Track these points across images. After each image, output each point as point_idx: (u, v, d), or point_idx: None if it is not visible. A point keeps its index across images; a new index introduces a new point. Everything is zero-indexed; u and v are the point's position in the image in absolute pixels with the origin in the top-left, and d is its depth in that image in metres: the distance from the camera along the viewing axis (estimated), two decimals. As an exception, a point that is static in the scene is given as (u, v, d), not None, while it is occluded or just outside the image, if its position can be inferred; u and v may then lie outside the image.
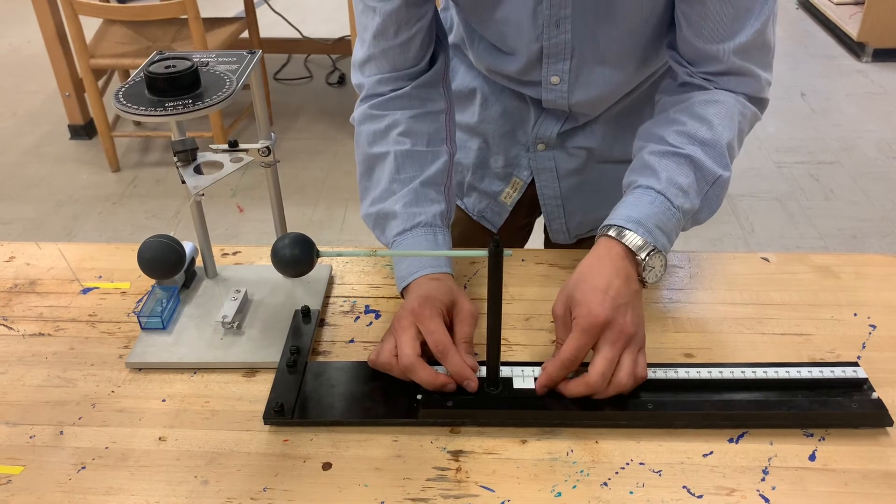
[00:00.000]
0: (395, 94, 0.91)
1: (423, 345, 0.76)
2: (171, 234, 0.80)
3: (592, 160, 1.05)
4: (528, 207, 1.14)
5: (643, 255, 0.76)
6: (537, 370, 0.76)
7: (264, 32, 3.33)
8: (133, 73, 0.77)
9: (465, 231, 1.16)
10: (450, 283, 0.82)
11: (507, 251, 0.67)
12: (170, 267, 0.81)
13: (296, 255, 0.69)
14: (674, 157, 0.82)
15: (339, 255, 0.72)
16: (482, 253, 0.68)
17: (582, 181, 1.07)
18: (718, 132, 0.83)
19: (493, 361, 0.74)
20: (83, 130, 3.24)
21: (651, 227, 0.78)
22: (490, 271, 0.67)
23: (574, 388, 0.72)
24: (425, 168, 0.89)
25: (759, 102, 0.89)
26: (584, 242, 1.16)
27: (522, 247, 1.24)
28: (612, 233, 0.78)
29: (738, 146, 0.87)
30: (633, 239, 0.77)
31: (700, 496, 0.66)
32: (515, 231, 1.21)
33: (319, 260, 0.96)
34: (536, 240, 1.27)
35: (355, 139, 0.94)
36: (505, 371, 0.76)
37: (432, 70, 0.93)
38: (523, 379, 0.76)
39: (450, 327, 0.78)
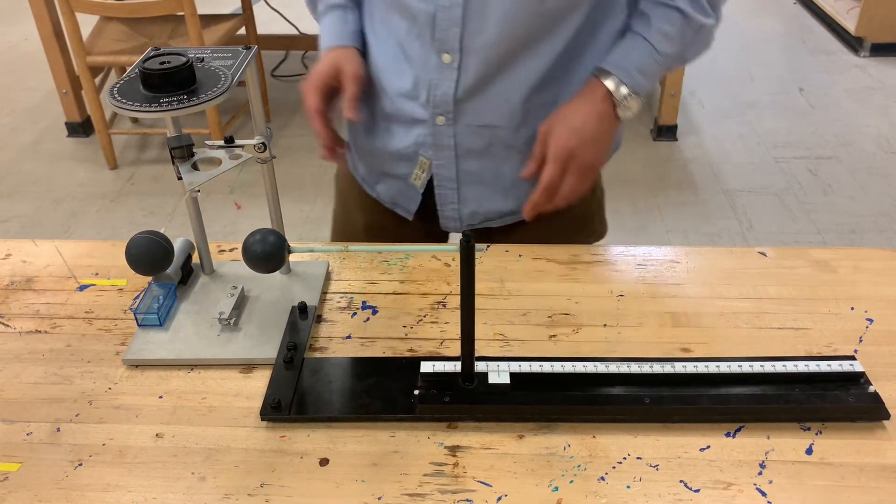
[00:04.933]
0: None
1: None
2: (162, 231, 0.80)
3: (497, 144, 1.02)
4: None
5: (620, 97, 0.92)
6: (512, 365, 0.76)
7: (261, 29, 3.32)
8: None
9: (380, 221, 1.15)
10: (349, 53, 0.98)
11: (479, 246, 0.67)
12: (156, 263, 0.81)
13: (266, 251, 0.69)
14: (664, 8, 0.93)
15: (311, 250, 0.72)
16: (453, 248, 0.67)
17: (482, 166, 1.04)
18: None
19: (468, 357, 0.73)
20: (80, 128, 3.24)
21: (633, 72, 0.93)
22: (462, 266, 0.67)
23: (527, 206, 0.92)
24: None
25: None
26: (476, 234, 1.13)
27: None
28: (598, 76, 0.93)
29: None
30: (614, 84, 0.92)
31: (697, 490, 0.66)
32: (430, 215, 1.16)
33: (319, 257, 0.97)
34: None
35: None
36: (480, 366, 0.76)
37: None
38: (498, 374, 0.76)
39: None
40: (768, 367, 0.75)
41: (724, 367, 0.75)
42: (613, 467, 0.69)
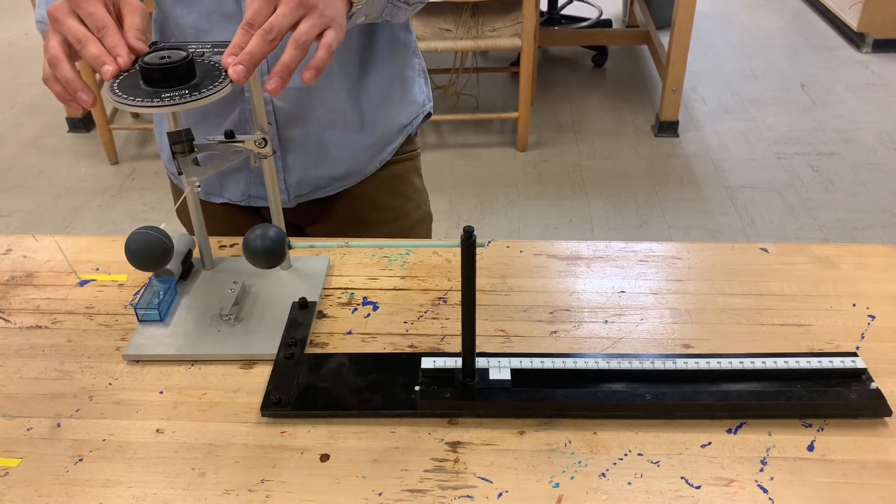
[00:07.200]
0: None
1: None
2: (163, 226, 0.80)
3: (318, 107, 0.99)
4: None
5: None
6: (513, 361, 0.76)
7: (262, 24, 3.31)
8: (128, 64, 0.76)
9: (240, 222, 1.10)
10: None
11: (480, 241, 0.66)
12: (156, 258, 0.81)
13: (267, 247, 0.69)
14: None
15: (312, 246, 0.72)
16: (454, 244, 0.67)
17: (305, 133, 1.02)
18: None
19: (469, 353, 0.73)
20: (81, 123, 3.24)
21: None
22: (463, 262, 0.67)
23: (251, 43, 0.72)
24: None
25: None
26: (306, 208, 1.10)
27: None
28: None
29: None
30: None
31: (698, 487, 0.66)
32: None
33: (320, 253, 0.97)
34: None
35: None
36: (481, 362, 0.76)
37: None
38: (499, 370, 0.76)
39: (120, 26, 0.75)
40: (770, 363, 0.75)
41: (725, 364, 0.75)
42: (614, 463, 0.69)
